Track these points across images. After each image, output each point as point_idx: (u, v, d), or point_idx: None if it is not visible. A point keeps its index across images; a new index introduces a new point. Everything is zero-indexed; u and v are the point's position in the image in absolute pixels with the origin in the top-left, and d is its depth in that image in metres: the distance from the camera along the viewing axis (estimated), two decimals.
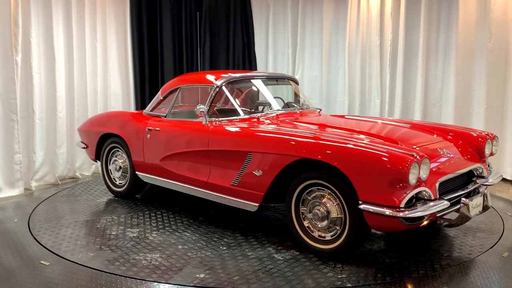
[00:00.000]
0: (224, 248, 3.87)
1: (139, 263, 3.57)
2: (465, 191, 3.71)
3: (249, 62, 7.82)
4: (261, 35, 7.85)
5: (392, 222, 3.18)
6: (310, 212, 3.64)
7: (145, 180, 5.04)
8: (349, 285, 3.22)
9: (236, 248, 3.86)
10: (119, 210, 4.90)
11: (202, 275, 3.36)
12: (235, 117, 4.44)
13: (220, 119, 4.41)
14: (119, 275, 3.38)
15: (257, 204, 3.92)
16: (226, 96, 4.67)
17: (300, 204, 3.72)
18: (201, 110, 4.36)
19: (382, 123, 4.70)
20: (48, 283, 3.29)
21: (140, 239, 4.08)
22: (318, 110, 5.09)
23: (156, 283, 3.28)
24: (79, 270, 3.50)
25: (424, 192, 3.28)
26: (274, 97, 4.87)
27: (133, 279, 3.33)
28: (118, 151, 5.30)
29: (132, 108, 7.30)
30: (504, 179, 6.14)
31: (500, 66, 6.27)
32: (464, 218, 3.54)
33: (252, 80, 5.01)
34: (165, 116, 4.89)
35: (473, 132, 4.25)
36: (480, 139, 4.10)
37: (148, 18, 7.66)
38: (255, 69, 7.76)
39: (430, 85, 6.86)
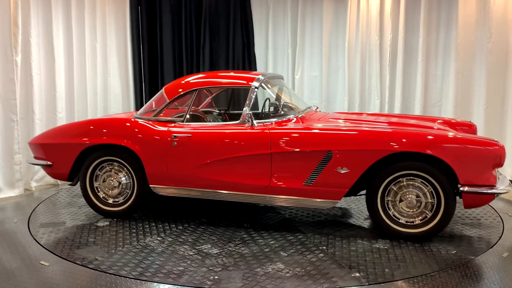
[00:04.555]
0: (324, 247, 3.89)
1: (280, 276, 3.36)
2: None
3: (249, 62, 7.81)
4: (261, 35, 7.83)
5: (489, 198, 3.79)
6: (401, 201, 3.92)
7: (162, 193, 4.52)
8: (472, 256, 3.66)
9: (331, 247, 3.89)
10: (151, 228, 4.39)
11: (357, 274, 3.38)
12: (277, 119, 4.33)
13: (270, 120, 4.31)
14: (118, 275, 3.38)
15: (336, 201, 4.06)
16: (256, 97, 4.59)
17: (386, 195, 3.95)
18: (247, 112, 4.21)
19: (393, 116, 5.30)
20: (48, 283, 3.30)
21: (229, 254, 3.78)
22: (315, 108, 5.17)
23: (156, 283, 3.28)
24: (79, 270, 3.50)
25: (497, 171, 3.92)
26: (267, 98, 4.85)
27: (133, 279, 3.33)
28: (111, 164, 4.66)
29: (132, 108, 7.29)
30: None
31: (500, 66, 6.27)
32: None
33: (280, 80, 5.05)
34: (183, 121, 4.47)
35: (452, 119, 4.97)
36: (470, 126, 4.81)
37: (148, 18, 7.64)
38: (255, 69, 7.75)
39: (430, 85, 6.86)
